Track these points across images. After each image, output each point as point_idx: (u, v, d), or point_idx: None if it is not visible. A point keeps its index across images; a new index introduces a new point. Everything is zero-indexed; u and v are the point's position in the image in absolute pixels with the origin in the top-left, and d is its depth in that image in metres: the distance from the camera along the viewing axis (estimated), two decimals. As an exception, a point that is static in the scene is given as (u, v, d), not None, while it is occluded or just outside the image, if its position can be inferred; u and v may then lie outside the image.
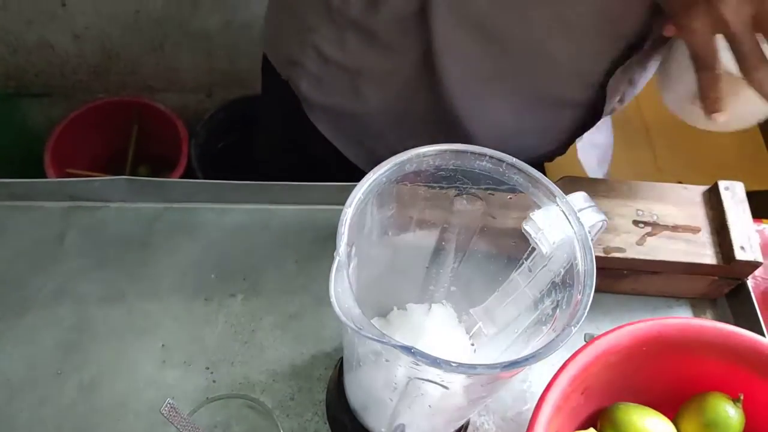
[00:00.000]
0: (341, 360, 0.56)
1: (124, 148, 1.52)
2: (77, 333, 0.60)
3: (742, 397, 0.52)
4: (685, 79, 0.57)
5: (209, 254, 0.66)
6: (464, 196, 0.45)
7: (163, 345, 0.60)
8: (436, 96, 0.65)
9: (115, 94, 1.48)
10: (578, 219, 0.40)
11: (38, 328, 0.60)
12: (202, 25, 1.38)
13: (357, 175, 0.76)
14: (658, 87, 0.64)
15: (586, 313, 0.38)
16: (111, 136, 1.50)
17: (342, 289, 0.36)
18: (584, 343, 0.63)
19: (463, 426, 0.56)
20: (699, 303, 0.66)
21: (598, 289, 0.65)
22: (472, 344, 0.52)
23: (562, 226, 0.41)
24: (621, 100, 0.70)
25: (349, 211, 0.38)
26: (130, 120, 1.50)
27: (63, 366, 0.59)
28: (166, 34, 1.39)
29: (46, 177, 1.37)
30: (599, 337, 0.52)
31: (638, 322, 0.53)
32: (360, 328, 0.34)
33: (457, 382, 0.39)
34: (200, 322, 0.62)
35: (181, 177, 1.41)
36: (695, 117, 0.60)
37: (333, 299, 0.35)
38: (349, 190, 0.40)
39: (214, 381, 0.59)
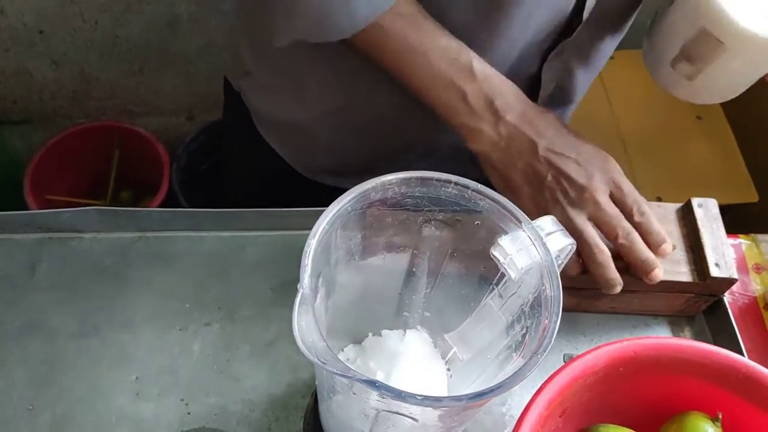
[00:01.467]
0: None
1: (105, 173, 1.51)
2: (49, 367, 0.59)
3: (721, 416, 0.52)
4: (666, 40, 0.60)
5: (183, 283, 0.65)
6: (432, 222, 0.44)
7: (136, 377, 0.59)
8: (375, 107, 0.65)
9: (95, 119, 1.47)
10: (544, 245, 0.40)
11: (9, 363, 0.59)
12: (182, 48, 1.38)
13: (312, 192, 0.75)
14: (643, 53, 0.66)
15: (552, 341, 0.37)
16: (92, 162, 1.50)
17: (306, 322, 0.35)
18: (563, 363, 0.63)
19: (441, 452, 0.55)
20: (677, 320, 0.66)
21: (577, 309, 0.66)
22: (448, 369, 0.52)
23: (529, 251, 0.41)
24: (561, 89, 0.72)
25: (312, 243, 0.38)
26: (111, 145, 1.49)
27: (34, 401, 0.57)
28: (145, 58, 1.39)
29: (26, 204, 1.36)
30: (576, 358, 0.52)
31: (614, 342, 0.52)
32: (324, 363, 0.34)
33: (427, 413, 0.39)
34: (175, 353, 0.61)
35: (163, 201, 1.40)
36: (671, 81, 0.62)
37: (296, 334, 0.34)
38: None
39: (188, 413, 0.58)
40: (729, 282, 0.61)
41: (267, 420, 0.58)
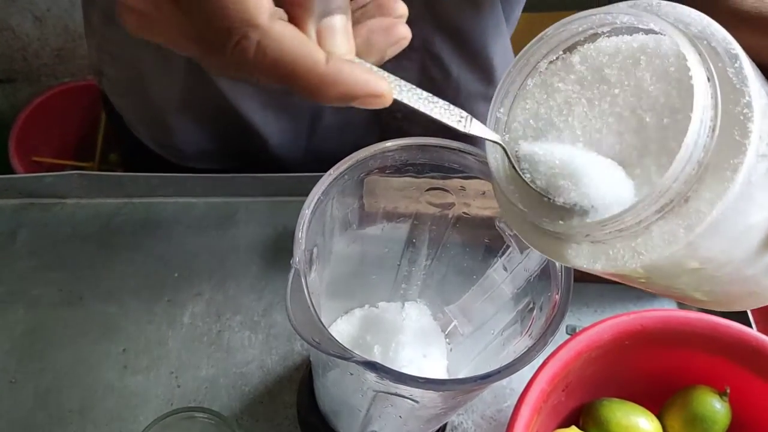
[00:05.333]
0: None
1: (93, 134, 1.47)
2: (31, 339, 0.57)
3: (728, 391, 0.51)
4: None
5: (172, 252, 0.62)
6: (434, 191, 0.42)
7: (124, 349, 0.57)
8: (215, 91, 0.62)
9: (82, 78, 1.43)
10: (555, 216, 0.38)
11: (-10, 335, 0.57)
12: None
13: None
14: None
15: (564, 317, 0.35)
16: (79, 122, 1.46)
17: (300, 300, 0.33)
18: (567, 335, 0.61)
19: (440, 427, 0.53)
20: (683, 290, 0.64)
21: (580, 279, 0.63)
22: (449, 343, 0.50)
23: (538, 222, 0.38)
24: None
25: (306, 213, 0.35)
26: (98, 105, 1.44)
27: (17, 374, 0.55)
28: (132, 15, 1.34)
29: (10, 167, 1.32)
30: (581, 332, 0.50)
31: (620, 315, 0.50)
32: (318, 343, 0.31)
33: (428, 395, 0.36)
34: (163, 324, 0.59)
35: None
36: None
37: (290, 314, 0.32)
38: (317, 180, 0.37)
39: (178, 386, 0.56)
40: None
41: (259, 394, 0.56)
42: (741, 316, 0.59)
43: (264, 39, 0.23)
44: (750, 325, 0.58)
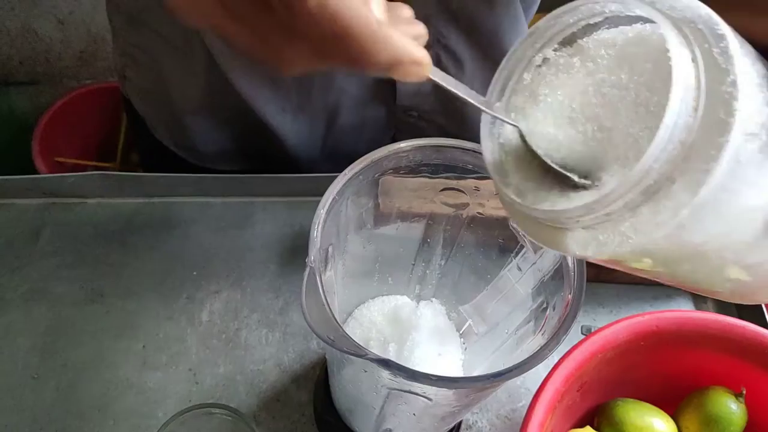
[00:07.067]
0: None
1: (115, 135, 1.49)
2: (53, 335, 0.58)
3: (744, 392, 0.50)
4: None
5: (190, 250, 0.63)
6: (449, 191, 0.42)
7: (143, 346, 0.58)
8: (235, 94, 0.63)
9: (103, 80, 1.45)
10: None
11: (12, 331, 0.58)
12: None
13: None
14: None
15: (577, 317, 0.35)
16: (101, 123, 1.48)
17: (315, 298, 0.33)
18: (581, 335, 0.61)
19: (455, 426, 0.54)
20: (700, 291, 0.64)
21: (596, 280, 0.63)
22: (463, 342, 0.50)
23: (551, 222, 0.38)
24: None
25: (321, 213, 0.36)
26: (119, 106, 1.46)
27: (39, 370, 0.56)
28: (153, 18, 1.36)
29: (34, 167, 1.34)
30: (596, 332, 0.50)
31: (636, 316, 0.50)
32: (333, 341, 0.32)
33: (441, 393, 0.37)
34: (182, 322, 0.59)
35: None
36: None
37: (305, 311, 0.32)
38: (333, 180, 0.38)
39: (197, 383, 0.57)
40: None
41: (276, 391, 0.57)
42: (757, 317, 0.59)
43: None
44: (766, 326, 0.58)
